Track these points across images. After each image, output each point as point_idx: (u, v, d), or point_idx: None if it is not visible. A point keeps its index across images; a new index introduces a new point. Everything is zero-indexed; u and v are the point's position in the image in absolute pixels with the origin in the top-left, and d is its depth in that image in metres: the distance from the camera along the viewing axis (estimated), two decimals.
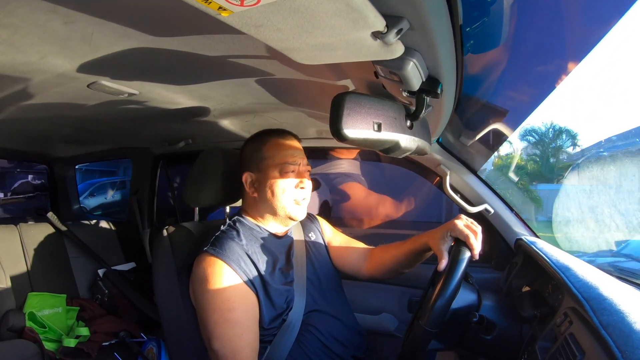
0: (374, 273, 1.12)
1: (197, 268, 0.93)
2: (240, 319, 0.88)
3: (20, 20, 0.64)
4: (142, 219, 2.11)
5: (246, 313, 0.90)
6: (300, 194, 1.00)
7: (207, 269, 0.90)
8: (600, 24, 0.70)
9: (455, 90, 0.81)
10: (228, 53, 0.79)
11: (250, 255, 0.95)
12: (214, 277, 0.89)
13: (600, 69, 24.91)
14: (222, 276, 0.90)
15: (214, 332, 0.86)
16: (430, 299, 0.78)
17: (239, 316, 0.88)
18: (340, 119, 0.66)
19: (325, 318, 1.02)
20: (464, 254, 0.79)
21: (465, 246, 0.81)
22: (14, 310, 1.55)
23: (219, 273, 0.90)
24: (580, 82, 14.20)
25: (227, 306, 0.88)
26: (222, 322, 0.87)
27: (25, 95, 1.06)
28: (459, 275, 0.77)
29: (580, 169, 2.24)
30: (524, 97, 1.06)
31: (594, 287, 0.69)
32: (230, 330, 0.86)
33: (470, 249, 0.80)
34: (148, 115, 1.34)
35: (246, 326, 0.89)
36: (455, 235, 0.84)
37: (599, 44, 0.71)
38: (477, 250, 0.81)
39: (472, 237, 0.81)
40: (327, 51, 0.57)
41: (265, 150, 1.02)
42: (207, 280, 0.89)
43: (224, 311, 0.87)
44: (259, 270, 0.95)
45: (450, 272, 0.77)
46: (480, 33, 0.67)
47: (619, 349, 0.49)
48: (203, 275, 0.90)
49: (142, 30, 0.69)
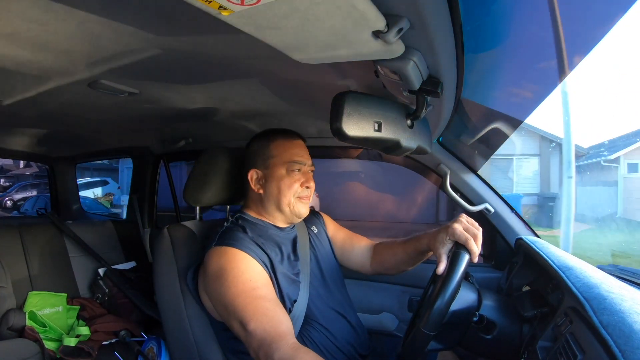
0: (378, 269, 1.14)
1: (209, 262, 0.91)
2: (267, 295, 0.86)
3: (20, 18, 0.64)
4: (142, 218, 2.12)
5: (270, 289, 0.89)
6: (305, 192, 1.02)
7: (220, 259, 0.90)
8: (602, 22, 0.70)
9: (456, 90, 0.81)
10: (229, 53, 0.79)
11: (259, 244, 0.95)
12: (230, 263, 0.88)
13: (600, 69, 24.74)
14: (238, 261, 0.89)
15: (245, 314, 0.81)
16: (428, 303, 0.78)
17: (265, 292, 0.86)
18: (341, 118, 0.66)
19: (329, 313, 1.02)
20: (463, 258, 0.79)
21: (465, 250, 0.80)
22: (15, 309, 1.55)
23: (234, 259, 0.89)
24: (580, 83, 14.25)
25: (250, 286, 0.85)
26: (250, 301, 0.83)
27: (26, 94, 1.06)
28: (457, 279, 0.76)
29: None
30: (525, 96, 1.06)
31: (594, 286, 0.69)
32: (261, 306, 0.82)
33: (469, 253, 0.80)
34: (148, 115, 1.34)
35: (275, 300, 0.86)
36: (455, 240, 0.84)
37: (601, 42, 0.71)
38: (476, 254, 0.81)
39: (471, 241, 0.81)
40: (328, 50, 0.57)
41: (273, 148, 1.03)
42: (223, 269, 0.88)
43: (249, 291, 0.84)
44: (269, 256, 0.95)
45: (448, 277, 0.77)
46: (480, 32, 0.66)
47: (619, 348, 0.49)
48: (218, 266, 0.89)
49: (143, 29, 0.69)
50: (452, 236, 0.84)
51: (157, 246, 1.09)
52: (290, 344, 0.76)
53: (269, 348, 0.75)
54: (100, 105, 1.19)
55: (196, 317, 1.01)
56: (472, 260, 0.80)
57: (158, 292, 1.06)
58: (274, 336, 0.77)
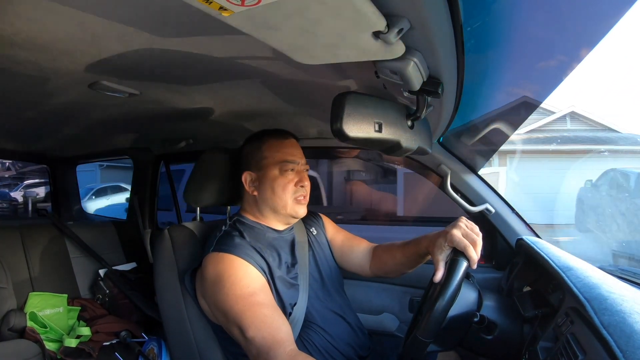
0: (377, 272, 1.13)
1: (206, 268, 0.91)
2: (265, 301, 0.86)
3: (20, 19, 0.64)
4: (143, 218, 2.11)
5: (268, 295, 0.88)
6: (299, 192, 1.01)
7: (217, 265, 0.90)
8: (604, 21, 0.69)
9: (456, 90, 0.81)
10: (229, 53, 0.79)
11: (257, 249, 0.95)
12: (227, 270, 0.88)
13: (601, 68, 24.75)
14: (235, 267, 0.89)
15: (244, 321, 0.82)
16: (425, 309, 0.77)
17: (263, 298, 0.86)
18: (342, 119, 0.66)
19: (329, 315, 1.02)
20: (461, 265, 0.77)
21: (464, 257, 0.79)
22: (15, 310, 1.55)
23: (232, 265, 0.89)
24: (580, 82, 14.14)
25: (248, 292, 0.85)
26: (248, 308, 0.83)
27: (26, 95, 1.06)
28: (455, 287, 0.76)
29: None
30: (525, 96, 1.06)
31: (595, 287, 0.69)
32: (259, 312, 0.82)
33: (468, 259, 0.79)
34: (149, 116, 1.34)
35: (273, 306, 0.86)
36: (454, 246, 0.83)
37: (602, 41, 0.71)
38: (475, 262, 0.79)
39: (470, 248, 0.79)
40: (328, 51, 0.57)
41: (265, 149, 1.02)
42: (221, 276, 0.88)
43: (247, 297, 0.84)
44: (267, 261, 0.95)
45: (446, 285, 0.76)
46: (481, 32, 0.66)
47: (620, 349, 0.49)
48: (215, 272, 0.89)
49: (143, 30, 0.69)
50: (451, 242, 0.83)
51: (157, 247, 1.09)
52: (288, 350, 0.76)
53: (267, 355, 0.76)
54: (101, 105, 1.19)
55: (197, 318, 1.01)
56: (470, 267, 0.79)
57: (159, 293, 1.06)
58: (272, 343, 0.77)
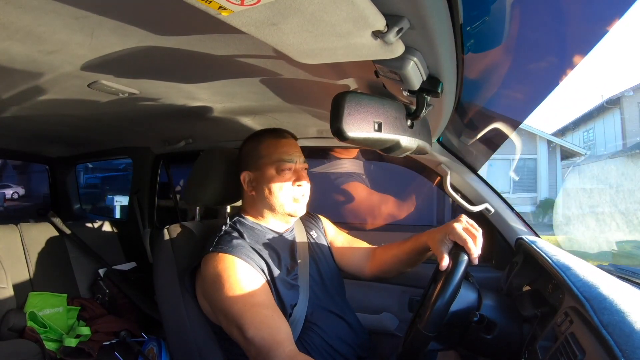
0: (377, 273, 1.13)
1: (206, 268, 0.91)
2: (265, 302, 0.86)
3: (20, 19, 0.64)
4: (142, 218, 2.11)
5: (268, 296, 0.88)
6: (297, 191, 1.01)
7: (217, 265, 0.89)
8: (602, 21, 0.69)
9: (456, 90, 0.81)
10: (229, 53, 0.79)
11: (256, 250, 0.95)
12: (227, 270, 0.88)
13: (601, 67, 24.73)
14: (234, 268, 0.89)
15: (243, 321, 0.82)
16: (428, 304, 0.78)
17: (263, 299, 0.86)
18: (341, 119, 0.66)
19: (329, 316, 1.02)
20: (462, 259, 0.78)
21: (464, 251, 0.80)
22: (15, 310, 1.55)
23: (231, 266, 0.89)
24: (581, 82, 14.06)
25: (248, 292, 0.85)
26: (248, 309, 0.83)
27: (26, 95, 1.07)
28: (457, 281, 0.76)
29: None
30: (525, 95, 1.06)
31: (595, 286, 0.69)
32: (259, 313, 0.83)
33: (468, 254, 0.80)
34: (148, 115, 1.34)
35: (273, 307, 0.86)
36: (454, 240, 0.83)
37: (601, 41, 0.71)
38: (475, 255, 0.80)
39: (470, 242, 0.80)
40: (328, 50, 0.57)
41: (262, 149, 1.02)
42: (220, 276, 0.88)
43: (247, 298, 0.85)
44: (266, 262, 0.95)
45: (448, 278, 0.77)
46: (480, 32, 0.66)
47: (620, 348, 0.49)
48: (214, 272, 0.89)
49: (143, 29, 0.69)
50: (452, 236, 0.84)
51: (157, 246, 1.09)
52: (288, 351, 0.77)
53: (267, 356, 0.77)
54: (100, 105, 1.19)
55: (196, 318, 1.00)
56: (471, 262, 0.80)
57: (158, 293, 1.06)
58: (271, 344, 0.78)
